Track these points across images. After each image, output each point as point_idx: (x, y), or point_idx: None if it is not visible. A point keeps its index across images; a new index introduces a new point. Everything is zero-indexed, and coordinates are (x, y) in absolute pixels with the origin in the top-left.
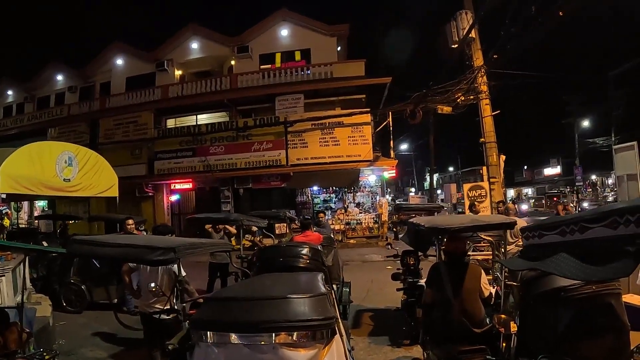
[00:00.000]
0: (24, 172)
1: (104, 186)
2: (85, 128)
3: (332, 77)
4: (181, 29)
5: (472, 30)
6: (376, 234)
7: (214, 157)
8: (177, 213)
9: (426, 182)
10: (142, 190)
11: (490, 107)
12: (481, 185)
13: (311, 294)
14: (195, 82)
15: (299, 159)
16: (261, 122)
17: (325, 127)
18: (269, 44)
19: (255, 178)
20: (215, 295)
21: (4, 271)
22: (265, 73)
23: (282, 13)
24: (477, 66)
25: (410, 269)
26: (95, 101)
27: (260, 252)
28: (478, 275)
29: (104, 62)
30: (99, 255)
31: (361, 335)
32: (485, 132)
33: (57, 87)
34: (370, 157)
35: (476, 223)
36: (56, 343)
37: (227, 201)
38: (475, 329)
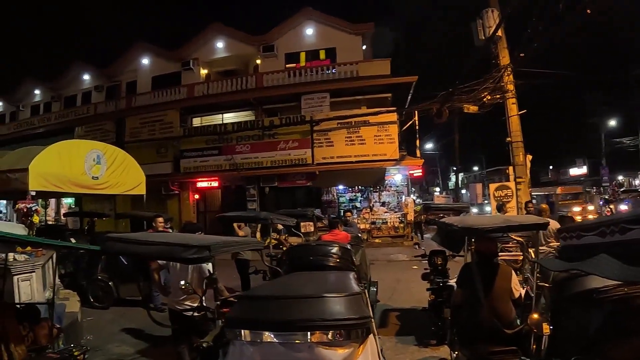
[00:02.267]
0: (53, 169)
1: (132, 184)
2: (112, 126)
3: (357, 76)
4: (206, 29)
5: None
6: (401, 234)
7: (239, 155)
8: (202, 211)
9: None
10: (167, 188)
11: (516, 107)
12: (507, 185)
13: (346, 293)
14: (220, 81)
15: (325, 158)
16: (287, 121)
17: (351, 126)
18: (294, 43)
19: (281, 177)
20: (250, 293)
21: (34, 267)
22: (291, 72)
23: (307, 12)
24: (504, 65)
25: (438, 269)
26: (122, 100)
27: (290, 251)
28: (509, 275)
29: (129, 62)
30: (133, 253)
31: (388, 335)
32: (512, 132)
33: (83, 86)
34: (396, 156)
35: (509, 223)
36: (84, 338)
37: (253, 199)
38: (506, 330)
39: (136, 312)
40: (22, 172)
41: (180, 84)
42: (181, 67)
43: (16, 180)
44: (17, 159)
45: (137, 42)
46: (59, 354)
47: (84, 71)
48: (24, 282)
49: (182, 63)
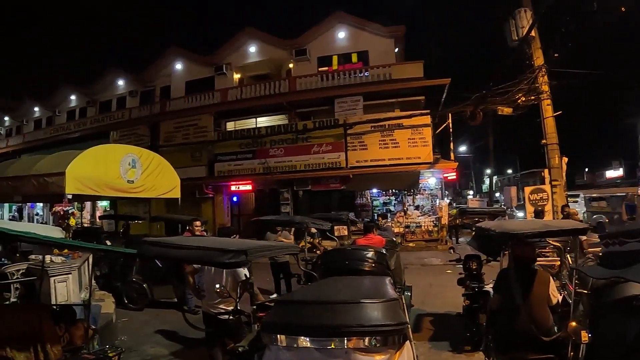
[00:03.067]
0: (89, 173)
1: (167, 187)
2: (146, 131)
3: (390, 78)
4: (238, 33)
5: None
6: (435, 237)
7: (273, 159)
8: (236, 214)
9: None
10: (202, 191)
11: (551, 108)
12: (543, 189)
13: (383, 299)
14: (253, 85)
15: (359, 161)
16: (320, 124)
17: (385, 129)
18: (326, 46)
19: (315, 180)
20: (287, 298)
21: (70, 269)
22: (324, 75)
23: (339, 15)
24: (538, 65)
25: (473, 274)
26: (156, 105)
27: (325, 255)
28: (547, 281)
29: (163, 67)
30: (170, 257)
31: (421, 340)
32: (547, 134)
33: (118, 91)
34: (430, 160)
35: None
36: (118, 339)
37: (287, 203)
38: (543, 337)
39: (170, 314)
40: (58, 175)
41: (213, 89)
42: (214, 72)
43: (53, 184)
44: (54, 163)
45: (170, 47)
46: (94, 355)
47: (118, 77)
48: (61, 283)
49: (215, 68)
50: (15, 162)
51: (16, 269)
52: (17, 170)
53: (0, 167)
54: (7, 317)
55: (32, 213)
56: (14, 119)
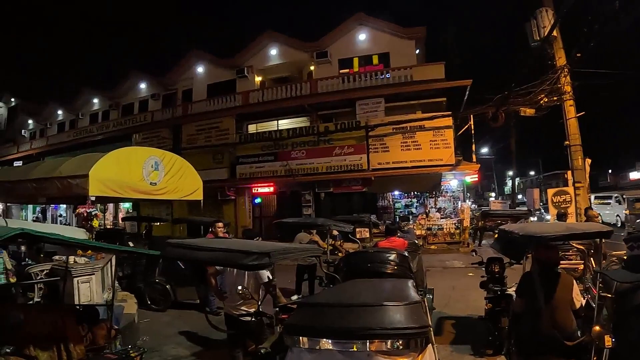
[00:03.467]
0: (113, 175)
1: (189, 190)
2: (168, 133)
3: (411, 80)
4: (259, 36)
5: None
6: (457, 240)
7: (295, 161)
8: (258, 216)
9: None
10: (224, 193)
11: (574, 109)
12: (566, 191)
13: (406, 302)
14: (275, 88)
15: (380, 163)
16: (342, 126)
17: (407, 131)
18: (347, 48)
19: (336, 182)
20: (309, 300)
21: (94, 270)
22: (345, 77)
23: (359, 17)
24: (560, 66)
25: (495, 277)
26: (178, 108)
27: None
28: (570, 285)
29: (184, 70)
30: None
31: (443, 343)
32: (570, 135)
33: (140, 94)
34: (452, 161)
35: (572, 231)
36: (140, 340)
37: (309, 205)
38: (566, 342)
39: (191, 315)
40: (82, 178)
41: (235, 91)
42: (236, 75)
43: (77, 186)
44: (77, 165)
45: (192, 51)
46: (116, 355)
47: (140, 80)
48: (84, 284)
49: (236, 71)
50: (40, 165)
51: (40, 269)
52: (41, 172)
53: (24, 169)
54: (31, 317)
55: (56, 214)
56: (38, 123)
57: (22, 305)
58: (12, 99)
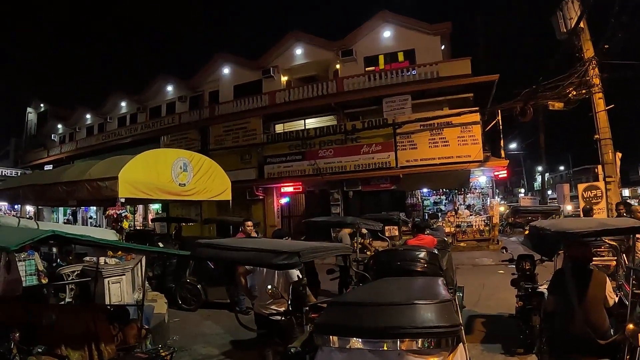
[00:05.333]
0: (142, 177)
1: (218, 190)
2: (196, 135)
3: (438, 76)
4: (284, 37)
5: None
6: (487, 237)
7: (323, 160)
8: (287, 216)
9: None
10: (252, 193)
11: (604, 102)
12: (596, 186)
13: (437, 300)
14: (301, 87)
15: (408, 161)
16: (369, 124)
17: (434, 127)
18: (372, 46)
19: (365, 180)
20: (340, 299)
21: (124, 270)
22: (371, 75)
23: (383, 14)
24: (588, 58)
25: (526, 275)
26: (205, 109)
27: (377, 256)
28: (603, 282)
29: (211, 72)
30: (223, 258)
31: (474, 342)
32: (600, 129)
33: (167, 97)
34: (481, 158)
35: (605, 227)
36: (170, 339)
37: (337, 204)
38: (599, 340)
39: (221, 314)
40: (112, 180)
41: (261, 92)
42: (262, 75)
43: (106, 188)
44: (106, 168)
45: (218, 53)
46: (147, 354)
47: (167, 83)
48: (114, 284)
49: (262, 71)
50: (70, 168)
51: (71, 270)
52: (71, 175)
53: (55, 173)
54: (63, 317)
55: (86, 216)
56: (67, 127)
57: (54, 305)
58: (42, 105)
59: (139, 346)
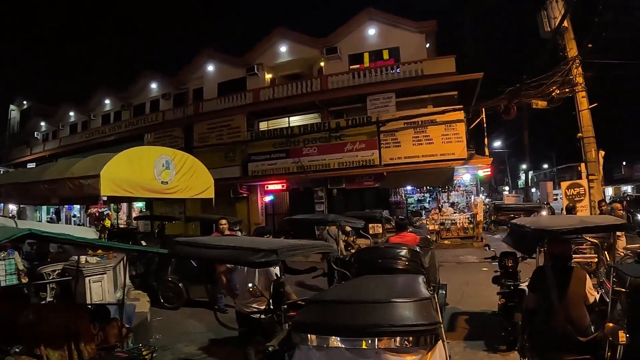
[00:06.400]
0: (124, 175)
1: (200, 188)
2: (180, 132)
3: (422, 74)
4: (269, 34)
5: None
6: (471, 235)
7: (307, 158)
8: (271, 213)
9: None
10: (236, 191)
11: (587, 100)
12: (579, 183)
13: (416, 298)
14: (285, 85)
15: (392, 159)
16: (353, 122)
17: (418, 125)
18: (357, 44)
19: (349, 178)
20: (318, 297)
21: (105, 269)
22: (355, 73)
23: (369, 12)
24: (572, 57)
25: (508, 272)
26: (189, 107)
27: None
28: (583, 279)
29: (195, 69)
30: (201, 256)
31: (456, 339)
32: (583, 127)
33: (151, 94)
34: (465, 156)
35: (585, 225)
36: (153, 338)
37: (321, 201)
38: (580, 337)
39: (204, 312)
40: (94, 178)
41: (245, 89)
42: (246, 73)
43: (88, 186)
44: (89, 165)
45: (202, 50)
46: (127, 353)
47: (151, 80)
48: (96, 283)
49: (246, 68)
50: (52, 166)
51: (52, 269)
52: (54, 173)
53: (37, 171)
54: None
55: (70, 215)
56: (50, 124)
57: (33, 305)
58: (25, 102)
59: (120, 345)
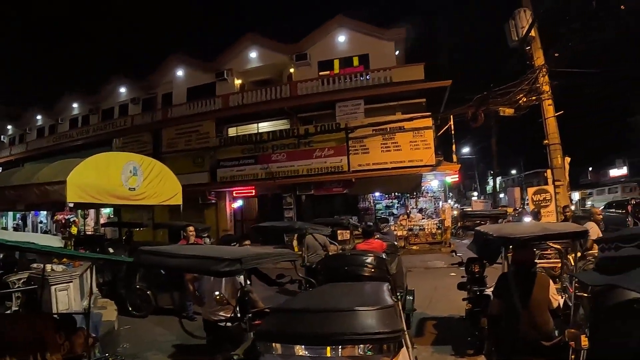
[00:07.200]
0: (91, 181)
1: (168, 194)
2: (149, 138)
3: (391, 81)
4: (239, 39)
5: (532, 29)
6: (439, 240)
7: (275, 164)
8: (240, 220)
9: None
10: (205, 197)
11: (553, 108)
12: (546, 189)
13: (379, 306)
14: (255, 91)
15: (361, 165)
16: (322, 128)
17: (387, 132)
18: (327, 50)
19: (317, 185)
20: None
21: (72, 277)
22: (325, 80)
23: (339, 19)
24: (538, 66)
25: (475, 277)
26: (158, 112)
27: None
28: (547, 285)
29: (165, 74)
30: (165, 266)
31: (424, 344)
32: (549, 134)
33: (120, 99)
34: (433, 162)
35: (547, 232)
36: (121, 347)
37: (290, 208)
38: (544, 342)
39: (173, 320)
40: (60, 184)
41: (215, 95)
42: (216, 78)
43: (55, 192)
44: (55, 171)
45: (172, 54)
46: None
47: (120, 84)
48: (62, 292)
49: (216, 74)
50: (18, 171)
51: (17, 278)
52: (20, 179)
53: (3, 176)
54: (8, 326)
55: (36, 221)
56: (17, 128)
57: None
58: None
59: (87, 355)
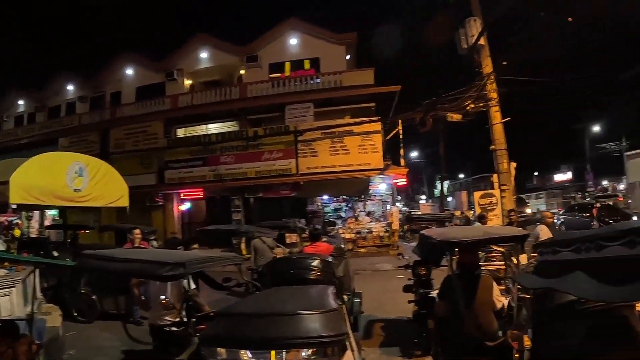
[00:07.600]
0: (35, 182)
1: (114, 196)
2: (96, 137)
3: (341, 85)
4: (190, 39)
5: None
6: (387, 243)
7: (224, 166)
8: (187, 222)
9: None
10: (152, 199)
11: (500, 115)
12: (492, 193)
13: (322, 310)
14: (205, 92)
15: (309, 168)
16: (271, 131)
17: (335, 136)
18: (278, 53)
19: (266, 187)
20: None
21: (14, 282)
22: (275, 82)
23: (291, 22)
24: (487, 73)
25: (421, 280)
26: (106, 111)
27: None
28: (490, 287)
29: (113, 72)
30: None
31: (372, 346)
32: (496, 140)
33: (67, 96)
34: (381, 166)
35: (488, 236)
36: (66, 353)
37: (238, 210)
38: (488, 342)
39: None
40: (2, 185)
41: (164, 95)
42: (165, 78)
43: None
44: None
45: (121, 52)
46: None
47: (68, 81)
48: (4, 297)
49: (166, 74)
50: None
51: None
52: None
53: None
54: None
55: None
56: None
57: None
58: None
59: None
